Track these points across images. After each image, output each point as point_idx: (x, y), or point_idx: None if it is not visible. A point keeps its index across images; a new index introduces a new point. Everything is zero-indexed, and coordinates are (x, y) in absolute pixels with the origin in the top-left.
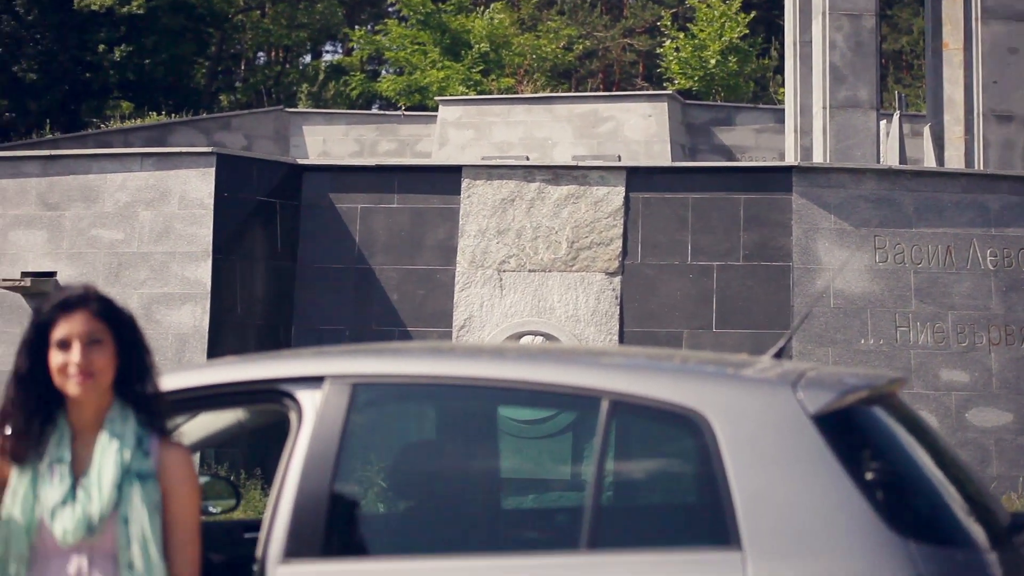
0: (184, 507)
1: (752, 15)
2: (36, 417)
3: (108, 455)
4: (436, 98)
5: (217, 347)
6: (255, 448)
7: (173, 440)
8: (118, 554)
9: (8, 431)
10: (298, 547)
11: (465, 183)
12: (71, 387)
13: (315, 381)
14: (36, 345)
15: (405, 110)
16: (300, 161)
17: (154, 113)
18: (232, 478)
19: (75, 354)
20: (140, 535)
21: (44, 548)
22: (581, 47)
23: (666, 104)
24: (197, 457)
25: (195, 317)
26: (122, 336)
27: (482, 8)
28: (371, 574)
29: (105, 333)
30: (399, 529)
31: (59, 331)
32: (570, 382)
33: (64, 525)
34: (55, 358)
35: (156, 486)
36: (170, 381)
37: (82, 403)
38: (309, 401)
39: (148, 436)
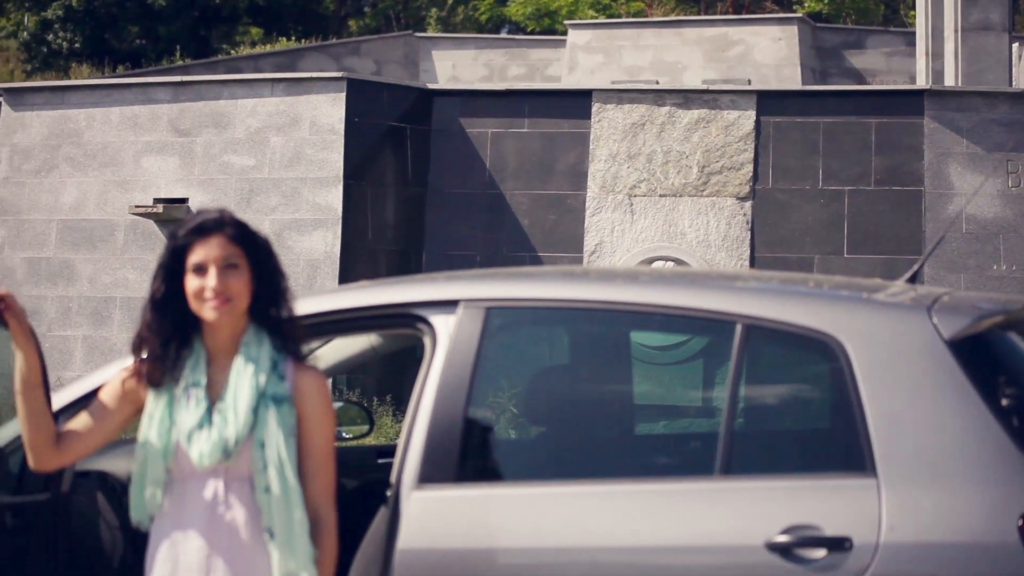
0: (319, 431)
1: None
2: (172, 341)
3: (243, 379)
4: (565, 22)
5: (348, 273)
6: (386, 374)
7: (308, 364)
8: (254, 478)
9: (144, 355)
10: (432, 472)
11: (595, 107)
12: (207, 312)
13: (449, 305)
14: (172, 270)
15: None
16: (430, 86)
17: (283, 39)
18: (364, 404)
19: (211, 279)
20: (276, 459)
21: (180, 472)
22: None
23: (796, 27)
24: (329, 383)
25: (326, 243)
26: (257, 260)
27: None
28: (504, 499)
29: (241, 257)
30: (532, 455)
31: (195, 256)
32: (704, 306)
33: (200, 449)
34: (191, 283)
35: (291, 410)
36: (304, 306)
37: (217, 327)
38: (443, 325)
39: (283, 360)
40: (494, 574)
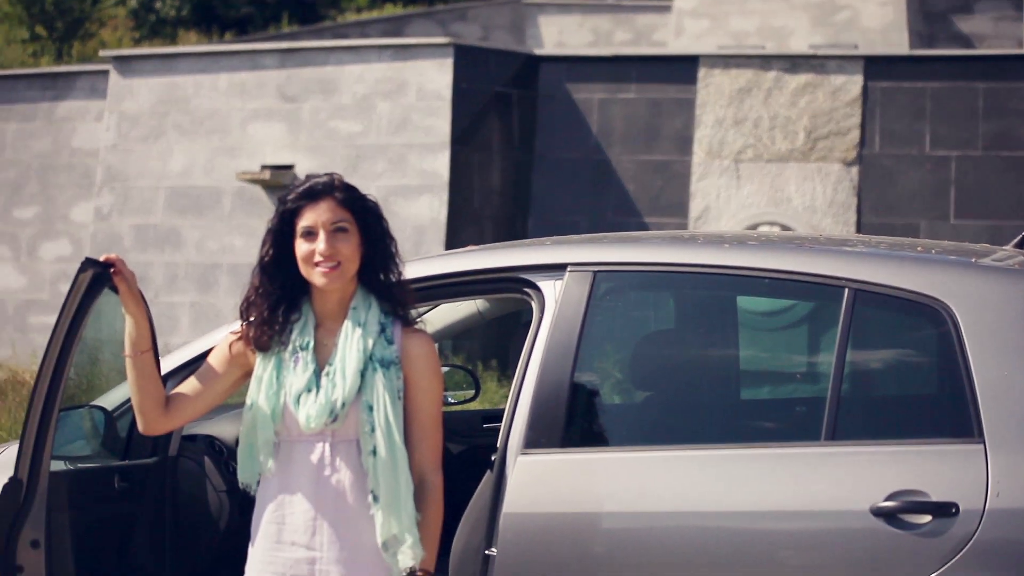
0: (427, 395)
1: None
2: (280, 306)
3: (352, 343)
4: None
5: (454, 239)
6: (491, 339)
7: (416, 328)
8: (361, 441)
9: (252, 319)
10: (538, 437)
11: (702, 73)
12: (316, 277)
13: (557, 269)
14: (282, 234)
15: None
16: (536, 52)
17: (390, 4)
18: (470, 368)
19: (320, 242)
20: (384, 422)
21: (288, 434)
22: None
23: None
24: (436, 348)
25: (432, 209)
26: (367, 224)
27: None
28: (610, 464)
29: (350, 222)
30: (638, 420)
31: (304, 220)
32: (812, 270)
33: (308, 412)
34: (300, 247)
35: (399, 373)
36: (412, 270)
37: (327, 292)
38: (550, 290)
39: (391, 324)
40: (599, 538)
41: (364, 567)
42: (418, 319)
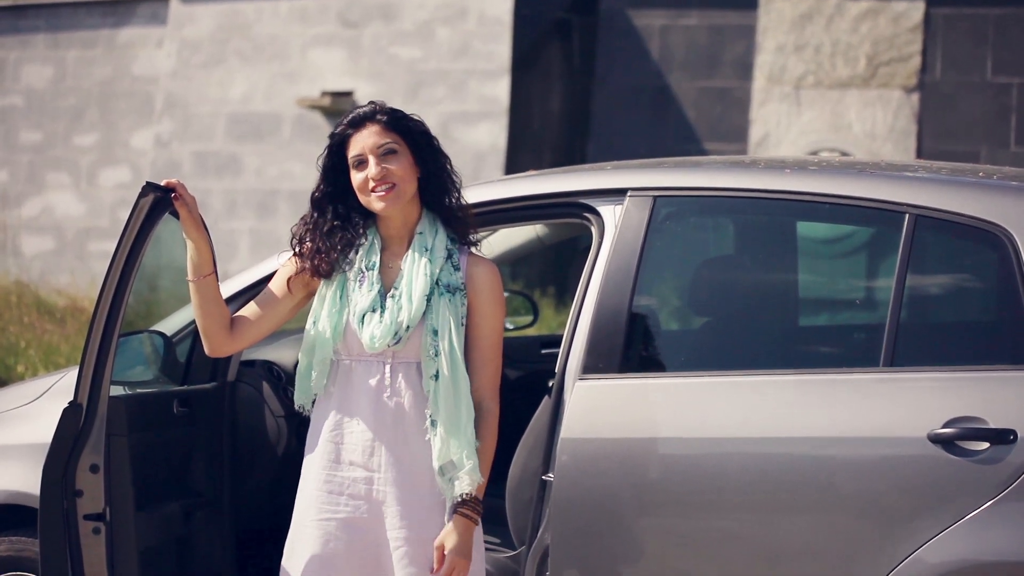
0: (489, 322)
1: None
2: (334, 235)
3: (419, 267)
4: None
5: (514, 165)
6: (549, 264)
7: (481, 256)
8: (422, 364)
9: (304, 252)
10: (596, 362)
11: None
12: (375, 203)
13: (616, 194)
14: (334, 170)
15: None
16: None
17: None
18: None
19: (371, 167)
20: (448, 347)
21: (348, 354)
22: None
23: None
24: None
25: (492, 134)
26: (416, 145)
27: None
28: (667, 389)
29: (400, 144)
30: (695, 345)
31: (353, 148)
32: (873, 196)
33: (372, 332)
34: (355, 177)
35: (463, 300)
36: (472, 195)
37: (389, 217)
38: (610, 215)
39: (458, 251)
40: (655, 463)
41: (420, 489)
42: (478, 242)
